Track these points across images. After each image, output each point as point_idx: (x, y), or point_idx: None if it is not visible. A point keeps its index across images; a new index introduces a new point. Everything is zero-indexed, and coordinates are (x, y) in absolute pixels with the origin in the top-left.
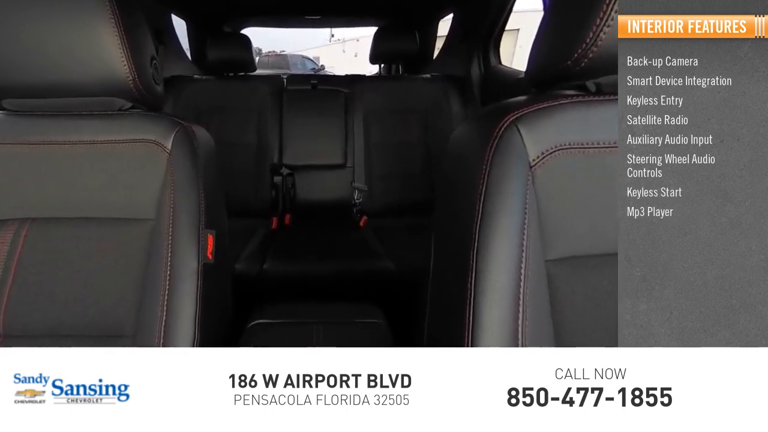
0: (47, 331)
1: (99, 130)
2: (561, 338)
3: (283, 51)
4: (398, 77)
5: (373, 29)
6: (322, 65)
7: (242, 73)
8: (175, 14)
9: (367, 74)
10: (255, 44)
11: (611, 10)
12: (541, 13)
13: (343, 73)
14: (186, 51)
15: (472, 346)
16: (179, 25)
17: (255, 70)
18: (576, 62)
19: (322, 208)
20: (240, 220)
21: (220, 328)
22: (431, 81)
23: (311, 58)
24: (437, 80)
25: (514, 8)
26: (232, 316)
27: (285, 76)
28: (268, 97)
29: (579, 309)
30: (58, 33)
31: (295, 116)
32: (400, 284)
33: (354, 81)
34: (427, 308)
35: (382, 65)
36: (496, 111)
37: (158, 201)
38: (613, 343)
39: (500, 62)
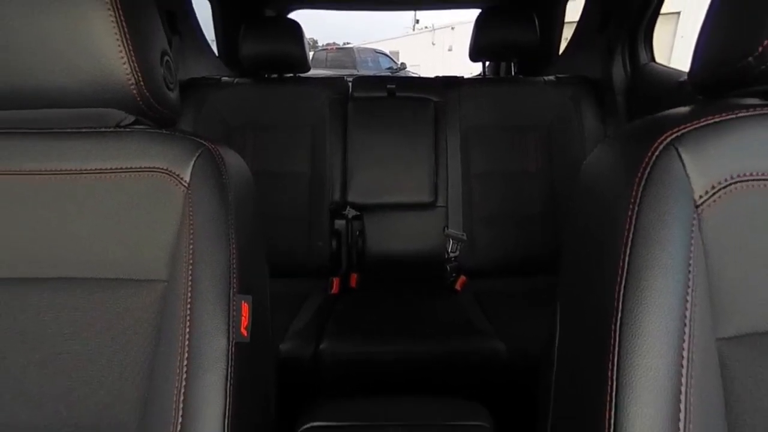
0: None
1: (87, 154)
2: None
3: (348, 43)
4: (510, 80)
5: (474, 13)
6: (402, 63)
7: (290, 75)
8: None
9: (467, 76)
10: (309, 34)
11: None
12: None
13: (432, 74)
14: (212, 43)
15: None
16: (202, 7)
17: (308, 70)
18: (761, 59)
19: (401, 264)
20: (288, 282)
21: (260, 431)
22: (556, 85)
23: (387, 53)
24: (565, 84)
25: None
26: (275, 415)
27: (350, 79)
28: (326, 108)
29: (766, 408)
30: (27, 19)
31: (364, 135)
32: (513, 372)
33: (448, 85)
34: (550, 406)
35: (488, 63)
36: (648, 128)
37: (172, 255)
38: None
39: (654, 59)
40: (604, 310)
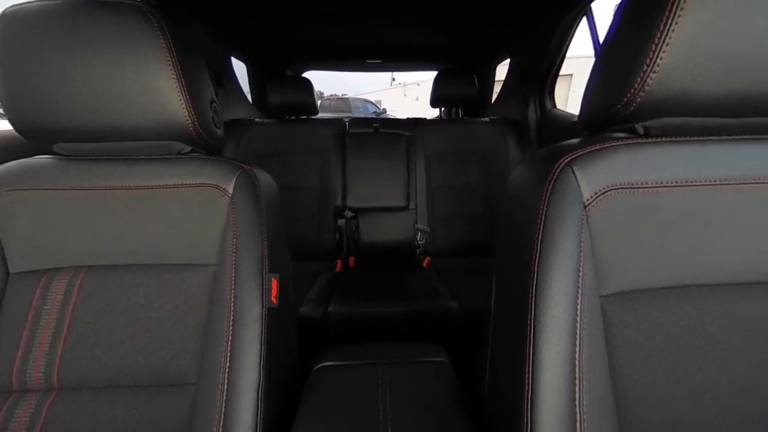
0: (105, 383)
1: (157, 174)
2: (615, 370)
3: (345, 94)
4: (459, 121)
5: (433, 73)
6: (383, 108)
7: (304, 117)
8: (235, 57)
9: (428, 117)
10: (317, 88)
11: (657, 57)
12: (593, 59)
13: (404, 116)
14: (247, 94)
15: (532, 383)
16: (239, 68)
17: (317, 113)
18: (625, 106)
19: (385, 250)
20: (304, 263)
21: (286, 372)
22: (490, 124)
23: (373, 101)
24: (496, 124)
25: (568, 54)
26: (297, 360)
27: (347, 119)
28: (330, 140)
29: (631, 342)
30: (112, 75)
31: (357, 159)
32: (463, 323)
33: (416, 124)
34: (489, 345)
35: (443, 109)
36: (552, 153)
37: (220, 246)
38: (665, 375)
39: (555, 106)
40: (524, 278)
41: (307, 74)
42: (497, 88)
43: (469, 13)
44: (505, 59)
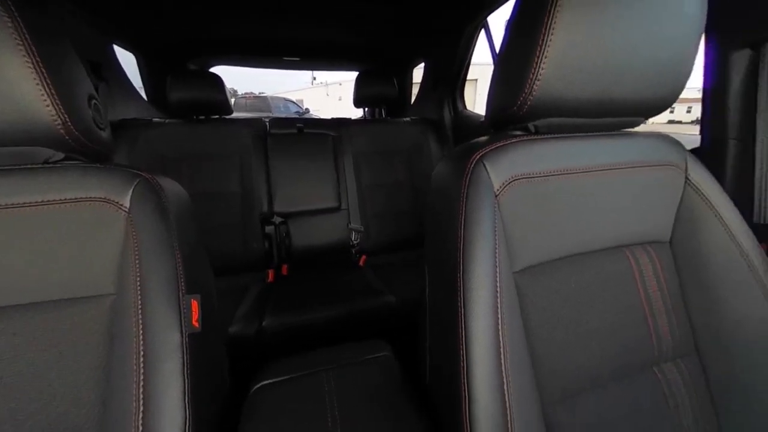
0: None
1: (20, 189)
2: (528, 333)
3: (263, 93)
4: (382, 121)
5: (355, 73)
6: (306, 108)
7: (216, 116)
8: (119, 45)
9: (353, 117)
10: (228, 85)
11: (539, 68)
12: (492, 67)
13: (329, 117)
14: (139, 90)
15: (466, 356)
16: (127, 59)
17: (231, 112)
18: (519, 108)
19: (320, 252)
20: (231, 278)
21: (218, 401)
22: (412, 124)
23: (294, 100)
24: (417, 123)
25: (473, 61)
26: (230, 385)
27: (267, 119)
28: (250, 141)
29: (539, 307)
30: None
31: (282, 161)
32: (403, 315)
33: (341, 124)
34: (426, 332)
35: (366, 109)
36: (466, 150)
37: (118, 271)
38: (563, 330)
39: (465, 107)
40: (452, 264)
41: (216, 69)
42: (415, 90)
43: (383, 20)
44: (420, 63)
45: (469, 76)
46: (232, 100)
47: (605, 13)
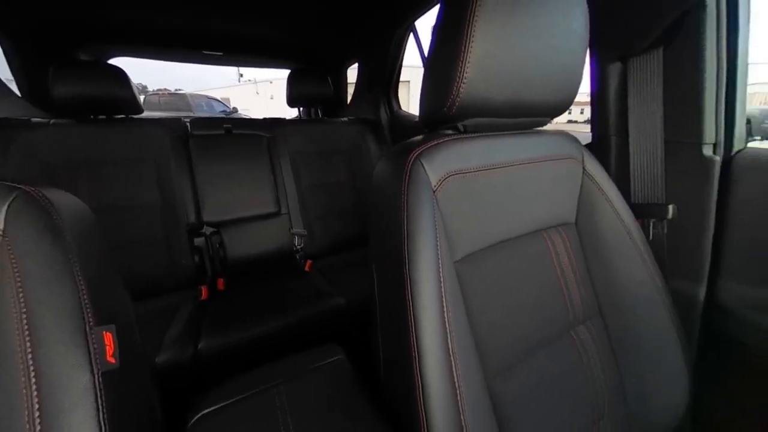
0: None
1: None
2: (470, 316)
3: (180, 90)
4: (320, 121)
5: (286, 71)
6: (234, 107)
7: (122, 116)
8: None
9: (288, 117)
10: (135, 80)
11: (464, 72)
12: (422, 69)
13: (261, 117)
14: (9, 83)
15: (417, 346)
16: None
17: (141, 111)
18: (449, 109)
19: (260, 261)
20: (155, 300)
21: None
22: (350, 124)
23: (219, 99)
24: (355, 123)
25: (405, 64)
26: (163, 422)
27: (188, 120)
28: (167, 144)
29: (477, 292)
30: None
31: (209, 165)
32: (354, 315)
33: (275, 124)
34: (378, 327)
35: (301, 109)
36: (404, 149)
37: None
38: (499, 310)
39: (400, 107)
40: (398, 259)
41: (119, 62)
42: (350, 90)
43: (313, 19)
44: (354, 63)
45: (402, 78)
46: (142, 98)
47: (513, 26)
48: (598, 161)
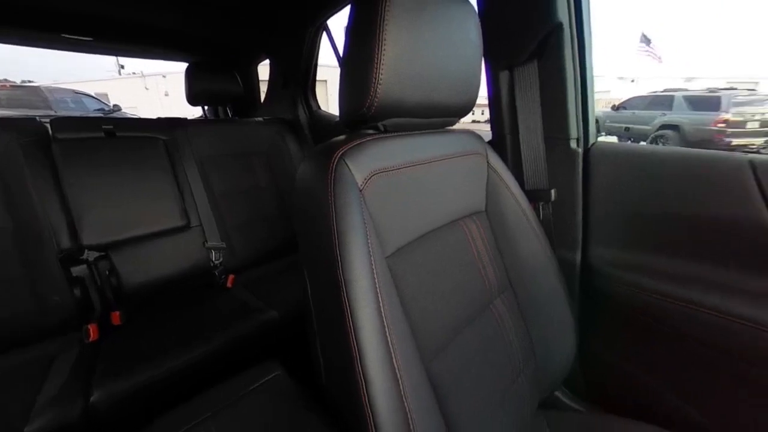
0: None
1: None
2: (404, 305)
3: (30, 81)
4: (232, 121)
5: (184, 65)
6: (115, 105)
7: None
8: None
9: (189, 117)
10: None
11: (379, 74)
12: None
13: (153, 116)
14: None
15: (357, 344)
16: None
17: None
18: (368, 109)
19: (170, 284)
20: (19, 354)
21: None
22: (266, 124)
23: (92, 95)
24: (272, 124)
25: (322, 63)
26: None
27: (46, 120)
28: (18, 152)
29: (409, 282)
30: None
31: (84, 176)
32: (289, 324)
33: (175, 125)
34: (316, 332)
35: (207, 107)
36: (327, 149)
37: None
38: (428, 294)
39: (319, 107)
40: (330, 260)
41: None
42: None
43: (215, 7)
44: (264, 60)
45: (319, 77)
46: None
47: (418, 33)
48: (498, 156)
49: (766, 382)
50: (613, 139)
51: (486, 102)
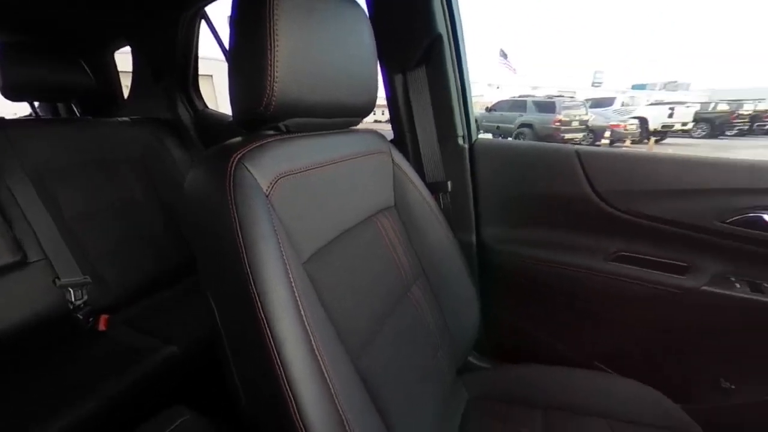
0: None
1: None
2: (327, 309)
3: None
4: (82, 121)
5: None
6: None
7: None
8: None
9: (10, 117)
10: None
11: (274, 70)
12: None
13: None
14: None
15: (280, 360)
16: None
17: None
18: (266, 108)
19: (11, 339)
20: None
21: None
22: (135, 125)
23: None
24: (144, 124)
25: (207, 56)
26: None
27: None
28: None
29: (330, 285)
30: None
31: None
32: (194, 359)
33: None
34: (230, 357)
35: (38, 104)
36: (222, 152)
37: None
38: (348, 291)
39: (206, 106)
40: (240, 277)
41: None
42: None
43: None
44: (123, 46)
45: (204, 72)
46: None
47: (311, 31)
48: (401, 153)
49: (603, 315)
50: (489, 135)
51: (386, 103)
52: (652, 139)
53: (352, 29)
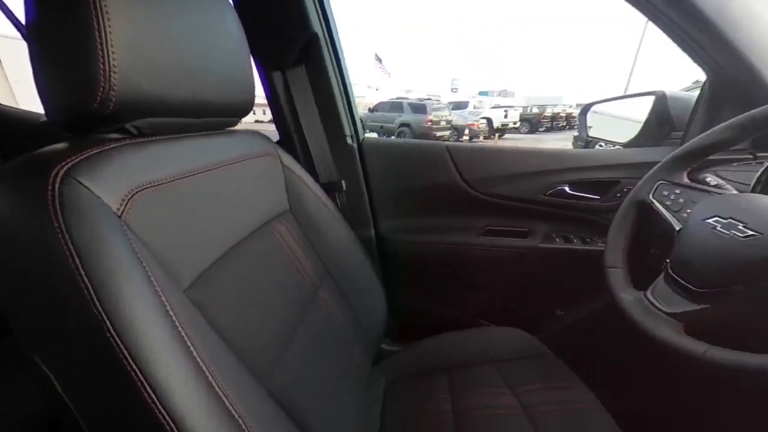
0: None
1: None
2: (224, 333)
3: None
4: None
5: None
6: None
7: None
8: None
9: None
10: None
11: (110, 58)
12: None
13: None
14: None
15: (170, 416)
16: None
17: None
18: (103, 106)
19: None
20: None
21: None
22: None
23: None
24: None
25: None
26: None
27: None
28: None
29: (223, 307)
30: None
31: None
32: None
33: None
34: None
35: None
36: (35, 165)
37: None
38: (251, 308)
39: None
40: (92, 327)
41: None
42: None
43: None
44: None
45: None
46: None
47: (162, 12)
48: (290, 155)
49: (479, 280)
50: (375, 135)
51: (266, 101)
52: (497, 135)
53: (218, 18)
